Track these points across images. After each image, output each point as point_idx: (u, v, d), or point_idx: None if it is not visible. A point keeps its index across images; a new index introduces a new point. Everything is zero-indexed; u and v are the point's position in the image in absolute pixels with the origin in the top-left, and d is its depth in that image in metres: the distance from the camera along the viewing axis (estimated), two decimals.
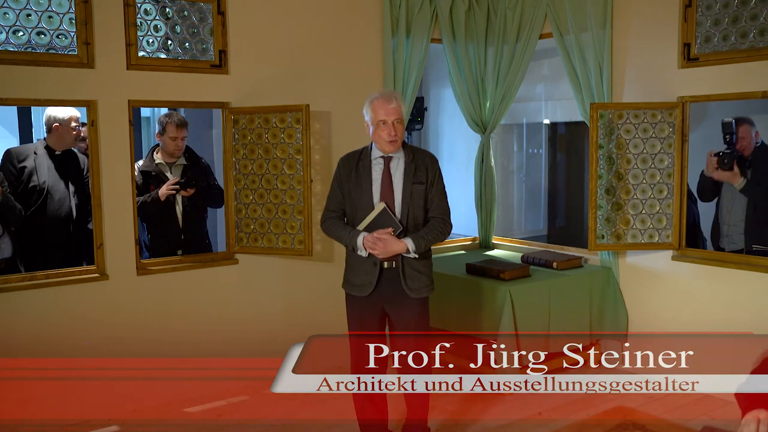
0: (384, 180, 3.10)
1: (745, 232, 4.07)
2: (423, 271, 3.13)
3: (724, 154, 4.00)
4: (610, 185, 4.16)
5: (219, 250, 4.35)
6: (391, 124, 3.02)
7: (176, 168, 4.27)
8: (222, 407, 3.99)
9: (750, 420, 1.71)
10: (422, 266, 3.12)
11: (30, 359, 3.63)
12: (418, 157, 3.15)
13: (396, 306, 3.13)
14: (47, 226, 3.94)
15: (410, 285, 3.09)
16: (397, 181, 3.10)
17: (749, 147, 4.06)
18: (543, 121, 6.51)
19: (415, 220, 3.10)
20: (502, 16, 4.90)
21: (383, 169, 3.11)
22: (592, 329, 4.39)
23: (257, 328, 4.35)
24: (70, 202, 4.00)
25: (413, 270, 3.10)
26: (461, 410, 3.89)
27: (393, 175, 3.10)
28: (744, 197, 4.07)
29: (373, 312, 3.16)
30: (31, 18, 3.53)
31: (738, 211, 4.11)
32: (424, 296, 3.14)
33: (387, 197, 3.08)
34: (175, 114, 4.24)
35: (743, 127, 4.05)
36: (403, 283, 3.08)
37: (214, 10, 4.05)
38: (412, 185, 3.09)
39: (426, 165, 3.13)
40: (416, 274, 3.10)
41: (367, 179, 3.12)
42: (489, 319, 4.05)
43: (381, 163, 3.12)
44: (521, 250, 5.11)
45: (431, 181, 3.13)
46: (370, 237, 3.01)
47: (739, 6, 3.74)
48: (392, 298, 3.12)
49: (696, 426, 3.22)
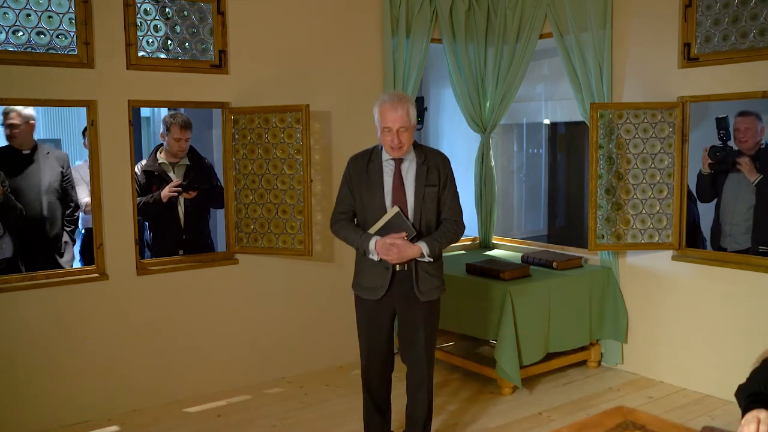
0: (395, 182, 3.03)
1: (753, 231, 4.05)
2: (434, 273, 3.08)
3: (714, 147, 3.99)
4: (610, 185, 4.16)
5: (219, 250, 4.34)
6: (395, 133, 2.94)
7: (179, 168, 4.27)
8: (222, 407, 3.99)
9: (750, 420, 1.71)
10: (433, 268, 3.08)
11: (30, 359, 3.63)
12: (430, 159, 3.06)
13: (407, 308, 3.10)
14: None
15: (421, 288, 3.04)
16: (408, 183, 3.03)
17: (752, 139, 3.99)
18: (543, 121, 6.51)
19: (427, 223, 3.05)
20: (502, 16, 4.90)
21: (394, 171, 3.04)
22: (592, 329, 4.39)
23: (257, 328, 4.35)
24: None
25: (425, 273, 3.05)
26: (461, 410, 3.89)
27: (405, 177, 3.03)
28: (752, 196, 4.04)
29: (384, 315, 3.13)
30: (31, 18, 3.54)
31: (742, 210, 4.09)
32: (434, 298, 3.12)
33: (399, 200, 3.02)
34: (179, 115, 4.24)
35: (749, 118, 3.97)
36: (414, 287, 3.04)
37: (214, 10, 4.05)
38: (425, 188, 3.02)
39: (438, 166, 3.06)
40: (427, 277, 3.06)
41: (378, 181, 3.04)
42: (489, 319, 4.05)
43: (392, 164, 3.05)
44: (521, 250, 5.11)
45: (443, 182, 3.05)
46: (383, 242, 2.95)
47: (739, 6, 3.74)
48: (403, 301, 3.08)
49: (696, 426, 3.22)
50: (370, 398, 3.25)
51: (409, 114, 2.97)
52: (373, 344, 3.16)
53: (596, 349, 4.50)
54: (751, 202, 4.05)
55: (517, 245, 5.28)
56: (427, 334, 3.10)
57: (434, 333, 3.17)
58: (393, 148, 2.97)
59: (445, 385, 4.27)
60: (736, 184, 4.12)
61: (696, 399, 4.00)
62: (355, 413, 3.70)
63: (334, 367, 4.59)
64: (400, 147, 2.97)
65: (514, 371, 3.94)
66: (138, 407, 3.95)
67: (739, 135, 4.04)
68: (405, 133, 2.95)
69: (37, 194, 4.01)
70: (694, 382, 4.12)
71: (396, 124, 2.92)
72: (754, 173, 4.00)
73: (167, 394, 4.05)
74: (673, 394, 4.10)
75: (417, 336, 3.10)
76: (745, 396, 1.88)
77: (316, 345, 4.55)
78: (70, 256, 4.20)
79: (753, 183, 4.03)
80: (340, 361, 4.61)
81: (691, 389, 4.13)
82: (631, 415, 2.21)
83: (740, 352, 3.80)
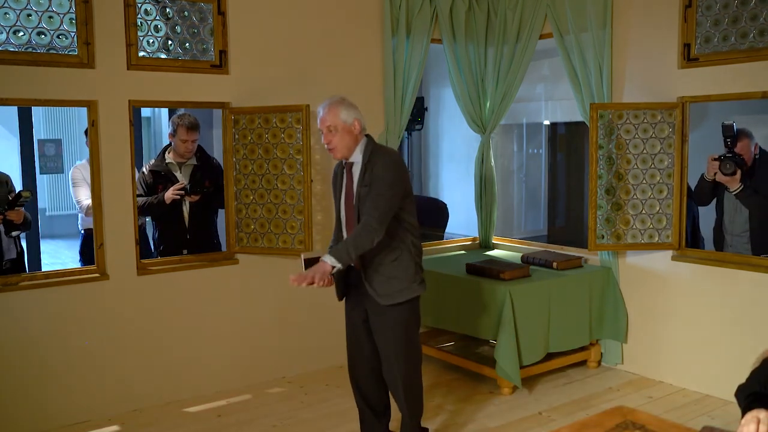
0: (347, 186, 3.08)
1: (751, 242, 4.04)
2: (395, 275, 2.99)
3: (725, 159, 3.93)
4: (610, 185, 4.17)
5: (222, 250, 4.35)
6: (324, 133, 2.98)
7: (186, 168, 4.27)
8: (222, 407, 3.99)
9: (750, 420, 1.71)
10: (393, 269, 2.99)
11: (30, 359, 3.63)
12: (372, 159, 2.97)
13: (373, 315, 3.09)
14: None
15: (378, 290, 2.99)
16: (355, 186, 3.03)
17: (748, 159, 3.97)
18: (543, 122, 6.52)
19: (377, 246, 2.98)
20: (502, 16, 4.91)
21: (347, 175, 3.09)
22: (592, 329, 4.39)
23: (257, 327, 4.35)
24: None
25: (381, 276, 2.99)
26: (461, 410, 3.89)
27: (353, 180, 3.04)
28: (745, 207, 4.03)
29: (356, 314, 3.16)
30: (32, 18, 3.54)
31: (741, 221, 4.07)
32: (398, 302, 3.01)
33: (348, 203, 3.06)
34: (187, 116, 4.23)
35: (742, 143, 3.96)
36: (369, 289, 2.99)
37: (215, 11, 4.05)
38: (360, 188, 2.98)
39: (374, 166, 2.95)
40: (384, 279, 2.99)
41: (340, 186, 3.13)
42: (489, 319, 4.06)
43: (347, 169, 3.10)
44: (521, 250, 5.12)
45: (370, 182, 2.94)
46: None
47: (738, 6, 3.74)
48: (370, 305, 3.07)
49: (696, 426, 3.22)
50: (360, 396, 3.28)
51: (339, 115, 2.94)
52: (352, 342, 3.23)
53: (596, 349, 4.51)
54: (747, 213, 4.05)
55: (517, 245, 5.28)
56: (393, 332, 3.05)
57: (404, 331, 3.07)
58: (329, 149, 3.01)
59: (444, 385, 4.27)
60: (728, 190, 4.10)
61: (696, 399, 4.01)
62: (356, 413, 3.71)
63: (334, 366, 4.59)
64: (332, 149, 2.99)
65: (514, 371, 3.95)
66: (138, 407, 3.95)
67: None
68: (336, 134, 2.95)
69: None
70: (694, 382, 4.12)
71: (322, 124, 2.98)
72: (735, 183, 3.99)
73: (167, 394, 4.05)
74: (672, 394, 4.10)
75: (383, 335, 3.08)
76: (745, 396, 1.89)
77: (317, 345, 4.55)
78: None
79: (732, 192, 4.03)
80: (340, 360, 4.60)
81: (691, 389, 4.13)
82: (631, 415, 2.22)
83: (740, 352, 3.80)
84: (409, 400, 3.16)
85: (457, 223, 6.31)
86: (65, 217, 9.49)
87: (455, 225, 6.31)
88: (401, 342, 3.07)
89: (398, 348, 3.07)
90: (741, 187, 3.98)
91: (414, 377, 3.18)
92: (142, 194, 4.15)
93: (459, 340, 4.74)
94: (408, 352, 3.11)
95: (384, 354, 3.12)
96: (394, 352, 3.08)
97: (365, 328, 3.16)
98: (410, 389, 3.16)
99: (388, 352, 3.10)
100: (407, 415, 3.19)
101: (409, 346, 3.11)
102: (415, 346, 3.17)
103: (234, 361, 4.28)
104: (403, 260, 3.02)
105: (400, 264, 3.01)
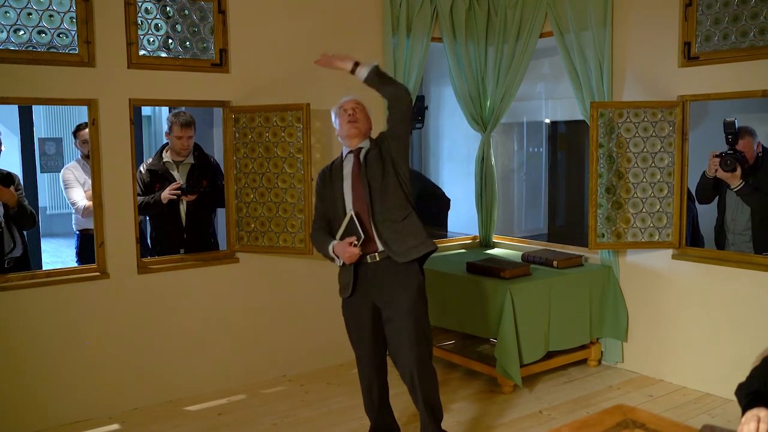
0: (354, 173, 3.09)
1: (753, 240, 4.04)
2: (408, 231, 3.06)
3: (726, 156, 3.94)
4: (610, 184, 4.17)
5: (220, 249, 4.35)
6: (351, 110, 3.13)
7: (183, 167, 4.27)
8: (222, 406, 4.00)
9: (750, 418, 1.71)
10: (405, 226, 3.06)
11: (31, 357, 3.64)
12: (379, 139, 3.17)
13: (386, 299, 3.06)
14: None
15: (394, 248, 3.02)
16: (368, 169, 3.08)
17: (750, 156, 3.98)
18: (543, 120, 6.51)
19: (388, 209, 3.04)
20: (502, 14, 4.90)
21: (353, 163, 3.11)
22: (593, 328, 4.39)
23: (258, 326, 4.36)
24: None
25: (396, 233, 3.04)
26: (461, 408, 3.89)
27: (362, 165, 3.09)
28: (747, 204, 4.03)
29: (365, 313, 3.12)
30: (32, 17, 3.54)
31: (743, 219, 4.08)
32: (416, 257, 3.04)
33: (357, 190, 3.06)
34: (182, 113, 4.23)
35: (744, 141, 3.96)
36: (386, 249, 3.02)
37: (215, 9, 4.05)
38: (383, 165, 3.07)
39: (382, 140, 3.14)
40: (399, 237, 3.04)
41: (339, 179, 3.13)
42: (489, 317, 4.06)
43: (351, 158, 3.13)
44: (521, 248, 5.12)
45: (387, 147, 3.11)
46: (339, 245, 3.02)
47: (739, 5, 3.74)
48: (380, 293, 3.06)
49: (696, 424, 3.22)
50: (366, 379, 3.23)
51: (363, 105, 3.20)
52: (359, 342, 3.19)
53: (596, 347, 4.51)
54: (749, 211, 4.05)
55: (518, 244, 5.28)
56: (408, 311, 3.02)
57: (420, 318, 3.06)
58: (350, 122, 3.09)
59: (445, 384, 4.27)
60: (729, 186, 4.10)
61: (696, 397, 4.01)
62: (356, 411, 3.71)
63: (335, 365, 4.60)
64: (355, 121, 3.10)
65: (515, 370, 3.95)
66: (139, 405, 3.96)
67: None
68: (362, 113, 3.15)
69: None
70: (694, 380, 4.12)
71: (348, 104, 3.16)
72: (736, 180, 3.99)
73: (168, 393, 4.06)
74: (673, 392, 4.11)
75: (397, 317, 3.03)
76: (745, 394, 1.89)
77: (317, 343, 4.56)
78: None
79: (734, 190, 4.03)
80: (340, 359, 4.61)
81: (691, 388, 4.13)
82: (631, 414, 2.22)
83: (740, 351, 3.80)
84: (424, 390, 3.06)
85: (457, 222, 6.31)
86: (66, 215, 9.47)
87: (455, 223, 6.31)
88: (412, 326, 3.00)
89: (410, 332, 3.00)
90: (742, 184, 3.99)
91: (428, 366, 3.09)
92: (140, 193, 4.15)
93: (459, 339, 4.74)
94: (422, 337, 3.05)
95: (396, 342, 3.05)
96: (407, 338, 3.01)
97: (371, 326, 3.12)
98: (424, 377, 3.05)
99: (401, 340, 3.03)
100: (426, 418, 3.11)
101: (419, 333, 3.03)
102: (426, 336, 3.09)
103: (234, 359, 4.29)
104: (412, 217, 3.11)
105: (411, 221, 3.10)
